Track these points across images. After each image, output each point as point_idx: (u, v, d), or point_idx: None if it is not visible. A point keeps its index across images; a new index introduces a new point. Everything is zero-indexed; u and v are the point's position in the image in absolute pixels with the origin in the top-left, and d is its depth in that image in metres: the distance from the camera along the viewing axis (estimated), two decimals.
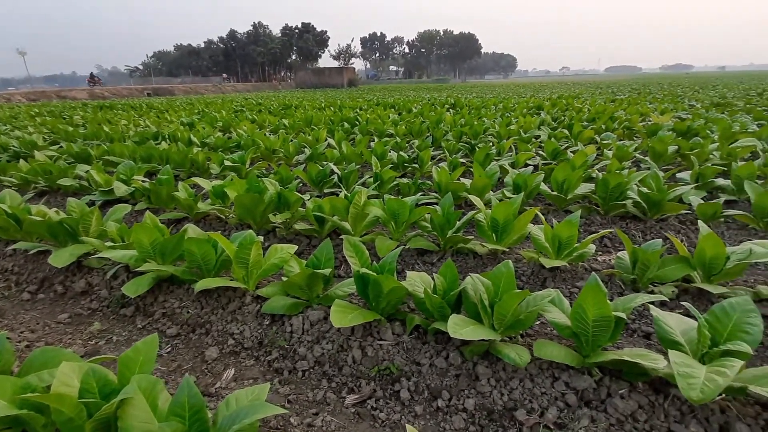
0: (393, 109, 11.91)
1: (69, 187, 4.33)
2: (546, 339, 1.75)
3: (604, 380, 1.49)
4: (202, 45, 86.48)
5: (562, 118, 8.41)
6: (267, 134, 7.14)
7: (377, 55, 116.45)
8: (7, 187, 4.32)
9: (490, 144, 5.74)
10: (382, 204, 2.75)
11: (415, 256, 2.67)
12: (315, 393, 1.62)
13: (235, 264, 2.01)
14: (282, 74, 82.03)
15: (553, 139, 5.79)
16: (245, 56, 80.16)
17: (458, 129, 6.72)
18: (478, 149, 4.82)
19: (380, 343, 1.72)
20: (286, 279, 1.91)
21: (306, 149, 5.52)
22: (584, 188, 3.49)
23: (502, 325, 1.61)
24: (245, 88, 49.37)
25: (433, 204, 3.41)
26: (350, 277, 2.05)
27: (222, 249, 2.16)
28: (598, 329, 1.49)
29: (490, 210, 2.57)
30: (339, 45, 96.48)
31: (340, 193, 3.16)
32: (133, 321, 2.21)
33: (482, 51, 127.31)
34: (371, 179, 3.80)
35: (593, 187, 3.40)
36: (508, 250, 2.64)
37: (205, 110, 13.19)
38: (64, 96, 29.71)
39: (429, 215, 2.67)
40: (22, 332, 2.12)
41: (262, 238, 2.19)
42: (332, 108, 12.82)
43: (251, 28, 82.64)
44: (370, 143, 5.82)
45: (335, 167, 4.13)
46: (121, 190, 3.88)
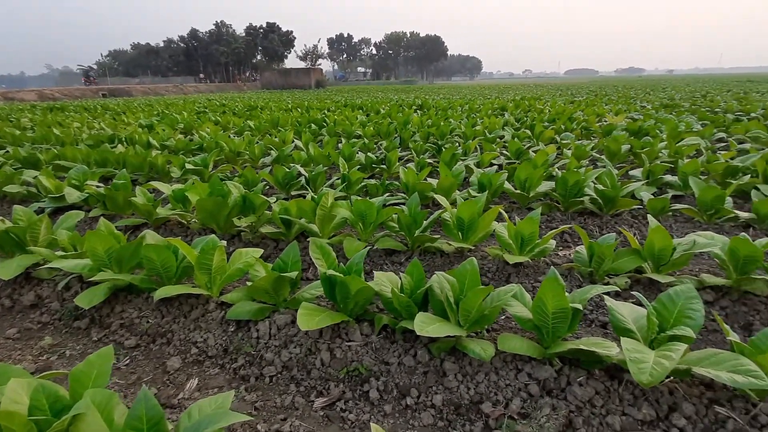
0: (361, 111, 11.91)
1: (16, 194, 4.07)
2: (510, 333, 1.81)
3: (564, 369, 1.55)
4: (162, 44, 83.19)
5: (525, 118, 8.70)
6: (231, 136, 6.97)
7: (344, 56, 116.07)
8: None
9: (457, 144, 5.85)
10: (349, 205, 2.74)
11: (384, 256, 2.68)
12: (283, 398, 1.59)
13: (197, 270, 1.95)
14: (247, 75, 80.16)
15: (516, 139, 5.98)
16: (208, 56, 77.77)
17: (425, 130, 6.81)
18: (444, 150, 4.91)
19: (349, 344, 1.72)
20: (251, 284, 1.88)
21: (272, 151, 5.43)
22: (545, 186, 3.63)
23: (468, 321, 1.65)
24: (208, 88, 47.92)
25: (400, 204, 3.44)
26: (318, 280, 2.04)
27: (183, 255, 2.09)
28: (557, 321, 1.55)
29: (456, 209, 2.62)
30: (305, 46, 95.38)
31: (307, 195, 3.13)
32: (87, 334, 2.10)
33: (448, 53, 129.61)
34: (339, 181, 3.79)
35: (554, 185, 3.54)
36: (474, 247, 2.70)
37: (166, 112, 12.70)
38: (12, 98, 27.75)
39: (396, 216, 2.69)
40: None
41: (225, 242, 2.14)
42: (299, 109, 12.67)
43: (214, 27, 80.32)
44: (338, 145, 5.79)
45: (302, 169, 4.08)
46: (73, 196, 3.67)
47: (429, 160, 4.80)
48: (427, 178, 3.83)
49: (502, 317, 2.06)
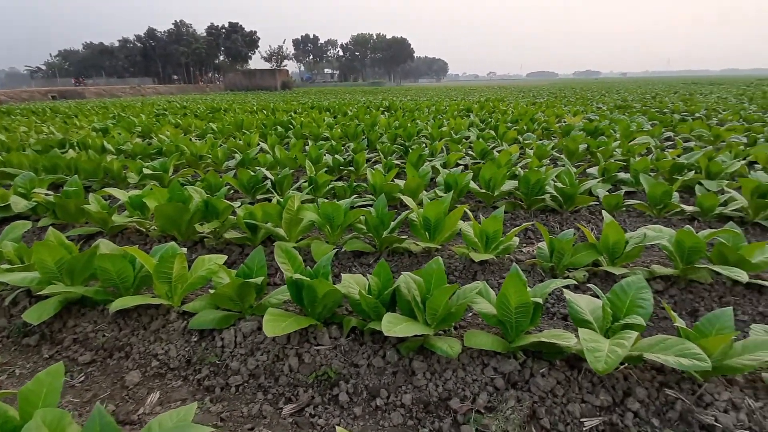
0: (328, 113, 11.84)
1: None
2: (477, 329, 1.86)
3: (527, 362, 1.61)
4: (117, 44, 79.30)
5: (490, 120, 8.93)
6: (193, 139, 6.74)
7: (311, 57, 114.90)
8: None
9: (424, 145, 5.93)
10: (316, 208, 2.72)
11: (352, 258, 2.68)
12: (250, 407, 1.56)
13: (156, 279, 1.87)
14: (210, 76, 77.79)
15: (481, 139, 6.12)
16: (167, 56, 74.86)
17: (393, 131, 6.85)
18: (411, 151, 4.96)
19: (317, 348, 1.71)
20: (214, 291, 1.82)
21: (236, 154, 5.29)
22: (509, 185, 3.74)
23: (435, 319, 1.68)
24: (168, 90, 46.09)
25: (368, 206, 3.44)
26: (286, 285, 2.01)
27: (141, 264, 2.00)
28: (520, 315, 1.60)
29: (423, 209, 2.66)
30: (270, 46, 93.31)
31: (273, 199, 3.07)
32: (38, 351, 1.97)
33: (415, 55, 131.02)
34: (306, 183, 3.75)
35: (517, 183, 3.65)
36: (441, 247, 2.75)
37: (122, 114, 12.12)
38: None
39: (364, 217, 2.70)
40: None
41: (186, 249, 2.07)
42: (265, 111, 12.43)
43: (173, 26, 77.42)
44: (305, 147, 5.73)
45: (268, 172, 4.01)
46: (19, 205, 3.43)
47: (396, 162, 4.83)
48: (395, 180, 3.86)
49: (470, 314, 2.11)
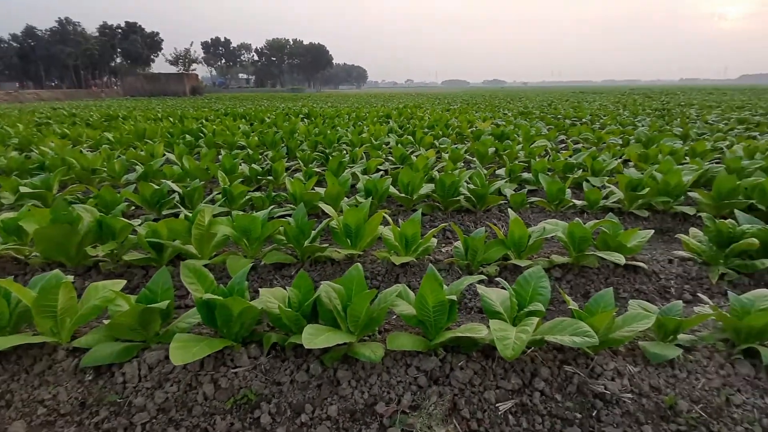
0: (244, 120, 11.33)
1: None
2: (402, 331, 1.90)
3: (447, 357, 1.68)
4: None
5: (408, 126, 9.26)
6: (84, 151, 6.00)
7: (223, 61, 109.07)
8: None
9: (344, 152, 5.94)
10: (231, 221, 2.58)
11: (273, 271, 2.58)
12: None
13: (37, 314, 1.62)
14: (105, 80, 69.96)
15: (400, 145, 6.32)
16: (50, 58, 65.70)
17: (313, 139, 6.78)
18: (332, 158, 4.94)
19: (235, 371, 1.61)
20: (109, 321, 1.63)
21: (138, 167, 4.81)
22: (427, 188, 3.90)
23: (358, 326, 1.68)
24: (54, 96, 40.53)
25: (288, 216, 3.35)
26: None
27: (18, 298, 1.72)
28: (437, 313, 1.67)
29: (343, 216, 2.66)
30: (176, 49, 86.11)
31: (181, 214, 2.84)
32: None
33: (334, 62, 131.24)
34: (220, 195, 3.53)
35: (434, 186, 3.82)
36: (363, 252, 2.77)
37: None
38: None
39: (283, 228, 2.62)
40: None
41: (72, 277, 1.82)
42: (171, 119, 11.51)
43: (56, 24, 68.29)
44: (219, 157, 5.41)
45: (176, 185, 3.70)
46: None
47: (317, 169, 4.78)
48: (316, 188, 3.81)
49: (394, 317, 2.15)
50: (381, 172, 4.71)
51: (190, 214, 2.53)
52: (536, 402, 1.52)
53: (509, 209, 2.90)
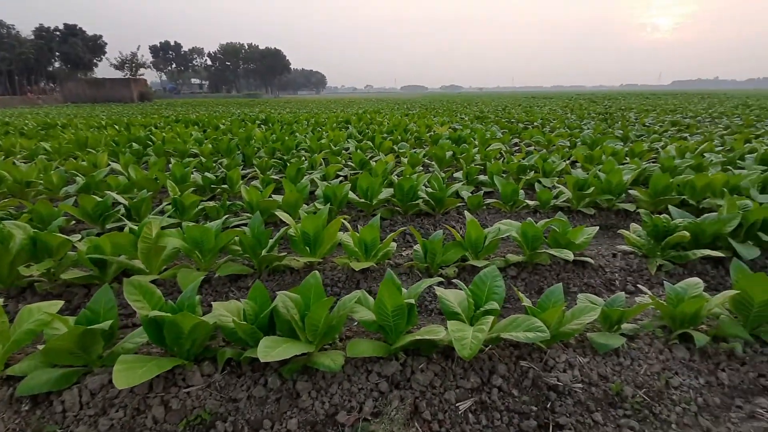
0: (197, 126, 10.90)
1: None
2: (364, 337, 1.88)
3: (407, 361, 1.69)
4: None
5: (367, 131, 9.28)
6: (17, 163, 5.53)
7: (174, 66, 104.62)
8: None
9: (303, 159, 5.86)
10: (181, 233, 2.46)
11: (228, 283, 2.49)
12: None
13: None
14: (42, 86, 65.00)
15: (359, 150, 6.32)
16: None
17: (270, 145, 6.63)
18: (290, 165, 4.86)
19: (187, 390, 1.53)
20: (45, 346, 1.50)
21: (79, 178, 4.49)
22: (386, 193, 3.92)
23: (317, 335, 1.65)
24: None
25: (244, 225, 3.25)
26: None
27: None
28: (397, 318, 1.68)
29: (300, 224, 2.61)
30: (121, 53, 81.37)
31: (126, 227, 2.68)
32: None
33: (292, 67, 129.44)
34: (170, 206, 3.37)
35: (393, 191, 3.85)
36: (323, 260, 2.73)
37: None
38: None
39: (238, 238, 2.53)
40: None
41: (2, 300, 1.67)
42: (117, 126, 10.87)
43: None
44: (169, 165, 5.16)
45: (121, 197, 3.48)
46: None
47: (275, 177, 4.68)
48: (273, 195, 3.72)
49: (355, 323, 2.13)
50: (340, 178, 4.69)
51: (137, 227, 2.39)
52: (495, 399, 1.56)
53: (466, 211, 2.97)
